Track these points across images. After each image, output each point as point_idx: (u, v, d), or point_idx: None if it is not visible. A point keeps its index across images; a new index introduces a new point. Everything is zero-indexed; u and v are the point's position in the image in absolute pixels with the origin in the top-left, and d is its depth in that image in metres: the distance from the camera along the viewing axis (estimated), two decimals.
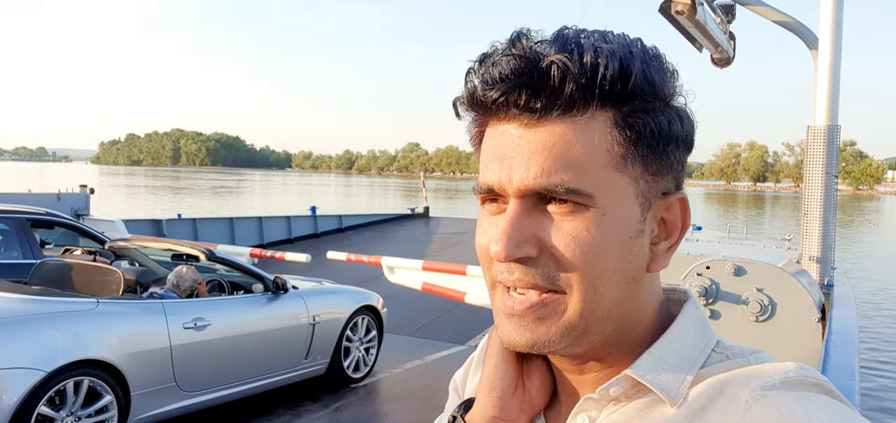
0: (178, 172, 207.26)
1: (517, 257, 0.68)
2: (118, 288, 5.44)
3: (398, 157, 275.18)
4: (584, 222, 0.68)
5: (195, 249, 6.31)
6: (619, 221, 0.69)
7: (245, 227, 16.14)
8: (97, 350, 4.73)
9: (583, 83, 0.66)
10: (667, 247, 0.74)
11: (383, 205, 57.64)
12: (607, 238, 0.68)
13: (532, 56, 0.67)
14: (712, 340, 0.75)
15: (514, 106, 0.68)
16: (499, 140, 0.71)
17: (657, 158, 0.70)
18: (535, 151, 0.67)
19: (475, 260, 3.71)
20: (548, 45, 0.68)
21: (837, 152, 4.23)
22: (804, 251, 4.19)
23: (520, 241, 0.68)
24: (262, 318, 6.15)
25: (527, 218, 0.69)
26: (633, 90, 0.67)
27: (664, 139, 0.70)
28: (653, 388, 0.70)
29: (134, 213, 35.90)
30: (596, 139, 0.68)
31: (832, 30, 4.21)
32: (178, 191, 76.55)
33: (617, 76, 0.66)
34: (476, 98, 0.71)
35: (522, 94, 0.67)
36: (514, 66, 0.67)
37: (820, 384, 0.65)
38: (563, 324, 0.69)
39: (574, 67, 0.66)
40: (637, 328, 0.74)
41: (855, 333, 3.52)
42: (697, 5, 5.18)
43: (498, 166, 0.70)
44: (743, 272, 3.29)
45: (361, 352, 7.14)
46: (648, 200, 0.71)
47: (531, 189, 0.68)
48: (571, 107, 0.67)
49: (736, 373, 0.69)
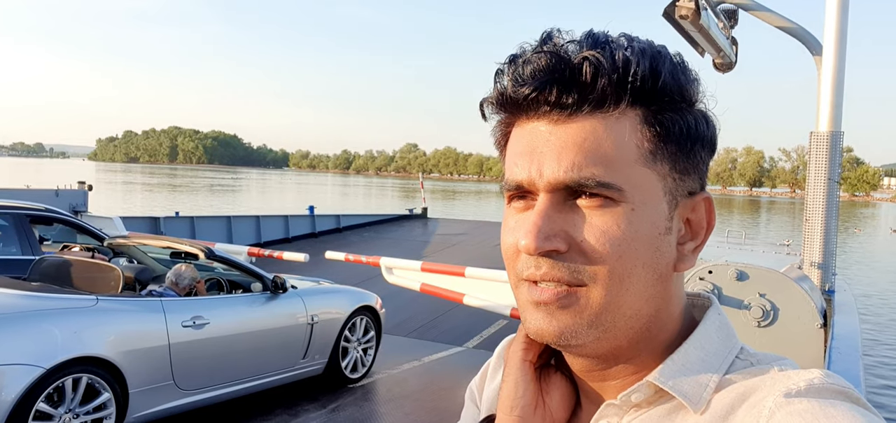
0: (175, 169, 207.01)
1: (546, 251, 0.69)
2: (117, 285, 5.42)
3: (396, 157, 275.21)
4: (613, 216, 0.68)
5: (194, 247, 6.30)
6: (648, 216, 0.69)
7: (243, 225, 16.12)
8: (96, 347, 4.72)
9: (615, 80, 0.67)
10: (693, 247, 0.74)
11: (381, 205, 57.67)
12: (637, 233, 0.69)
13: (564, 53, 0.68)
14: (736, 346, 0.74)
15: (545, 103, 0.69)
16: (528, 137, 0.71)
17: (684, 157, 0.72)
18: (567, 145, 0.68)
19: (473, 261, 3.73)
20: (579, 43, 0.69)
21: (840, 158, 4.23)
22: (806, 257, 4.19)
23: (549, 234, 0.68)
24: (261, 317, 6.13)
25: (556, 213, 0.69)
26: (662, 89, 0.69)
27: (692, 138, 0.71)
28: (675, 395, 0.69)
29: (131, 210, 35.87)
30: (626, 135, 0.69)
31: (836, 36, 4.21)
32: (174, 188, 76.49)
33: (648, 74, 0.68)
34: (506, 97, 0.72)
35: (554, 90, 0.68)
36: (546, 63, 0.68)
37: (846, 392, 0.64)
38: (590, 314, 0.69)
39: (606, 64, 0.67)
40: (664, 331, 0.74)
41: (858, 339, 3.52)
42: (701, 10, 5.19)
43: (527, 162, 0.71)
44: (745, 277, 3.29)
45: (359, 352, 7.13)
46: (675, 198, 0.72)
47: (562, 183, 0.68)
48: (602, 103, 0.68)
49: (760, 379, 0.68)
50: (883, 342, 13.06)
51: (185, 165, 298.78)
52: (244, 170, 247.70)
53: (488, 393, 0.93)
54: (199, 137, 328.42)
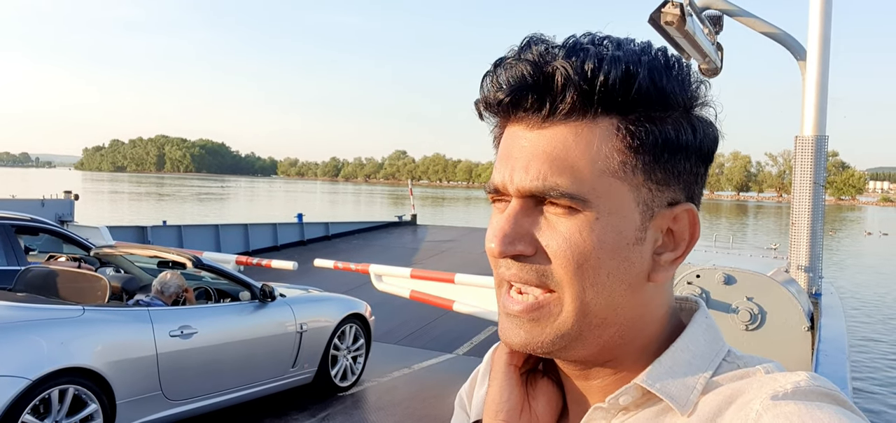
0: (162, 178, 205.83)
1: (511, 254, 0.71)
2: (104, 295, 5.38)
3: (385, 164, 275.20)
4: (577, 224, 0.69)
5: (181, 256, 6.26)
6: (615, 226, 0.69)
7: (231, 234, 16.04)
8: (82, 358, 4.68)
9: (584, 89, 0.68)
10: (672, 258, 0.73)
11: (370, 212, 57.61)
12: (600, 243, 0.69)
13: (540, 61, 0.69)
14: (723, 349, 0.75)
15: (521, 109, 0.71)
16: (508, 141, 0.73)
17: (662, 168, 0.70)
18: (536, 154, 0.70)
19: (463, 268, 3.73)
20: (556, 51, 0.70)
21: (825, 162, 4.27)
22: (792, 260, 4.22)
23: (514, 238, 0.71)
24: (250, 326, 6.11)
25: (525, 217, 0.71)
26: (636, 98, 0.68)
27: (670, 149, 0.70)
28: (662, 397, 0.70)
29: (118, 219, 35.64)
30: (596, 145, 0.69)
31: (820, 42, 4.26)
32: (162, 197, 76.04)
33: (618, 83, 0.67)
34: (488, 101, 0.74)
35: (527, 97, 0.70)
36: (522, 71, 0.70)
37: (832, 394, 0.64)
38: (556, 326, 0.71)
39: (575, 74, 0.68)
40: (642, 337, 0.74)
41: (845, 342, 3.55)
42: (687, 16, 5.23)
43: (503, 167, 0.73)
44: (733, 281, 3.31)
45: (349, 360, 7.11)
46: (651, 208, 0.71)
47: (528, 191, 0.70)
48: (573, 112, 0.69)
49: (747, 382, 0.68)
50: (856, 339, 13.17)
51: (172, 173, 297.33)
52: (232, 178, 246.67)
53: (477, 400, 0.93)
54: (187, 146, 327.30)
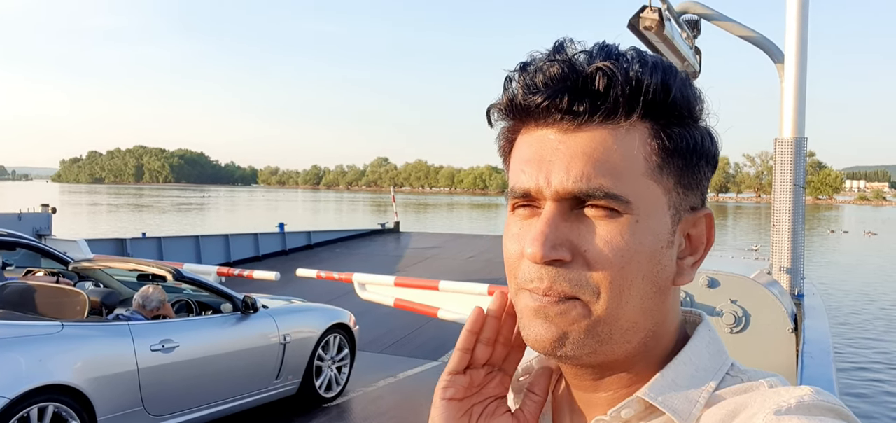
0: (141, 189, 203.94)
1: (552, 259, 0.68)
2: (83, 310, 5.30)
3: (367, 171, 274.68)
4: (618, 227, 0.69)
5: (162, 268, 6.19)
6: (652, 229, 0.70)
7: (211, 245, 15.89)
8: (62, 375, 4.60)
9: (627, 92, 0.68)
10: (692, 262, 0.75)
11: (352, 220, 57.43)
12: (640, 245, 0.69)
13: (576, 62, 0.69)
14: (727, 362, 0.75)
15: (556, 111, 0.69)
16: (536, 145, 0.72)
17: (689, 172, 0.72)
18: (576, 154, 0.69)
19: (447, 275, 3.71)
20: (590, 54, 0.70)
21: (804, 163, 4.32)
22: (774, 262, 4.26)
23: (556, 243, 0.68)
24: (232, 338, 6.04)
25: (563, 221, 0.70)
26: (672, 104, 0.70)
27: (697, 153, 0.72)
28: (665, 411, 0.69)
29: (97, 232, 35.22)
30: (635, 148, 0.69)
31: (797, 44, 4.31)
32: (141, 209, 75.35)
33: (660, 88, 0.69)
34: (516, 103, 0.72)
35: (565, 98, 0.69)
36: (559, 72, 0.69)
37: (836, 409, 0.64)
38: (588, 324, 0.69)
39: (620, 75, 0.68)
40: (660, 346, 0.74)
41: (829, 343, 3.58)
42: (665, 21, 5.27)
43: (535, 170, 0.71)
44: (716, 284, 3.33)
45: (333, 371, 7.06)
46: (679, 212, 0.72)
47: (570, 192, 0.69)
48: (613, 114, 0.69)
49: (750, 396, 0.68)
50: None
51: (151, 184, 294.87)
52: (212, 188, 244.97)
53: None
54: (166, 156, 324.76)
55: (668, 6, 5.33)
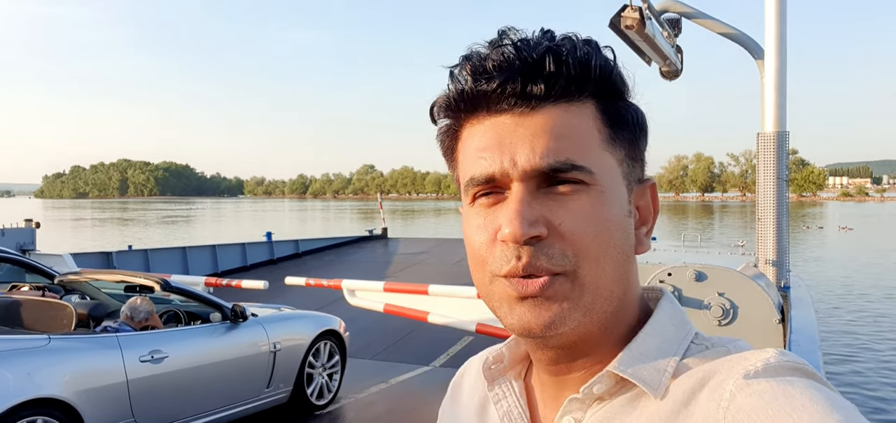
0: (125, 203, 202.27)
1: (532, 235, 0.68)
2: (70, 323, 5.26)
3: (353, 179, 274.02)
4: (588, 198, 0.70)
5: (149, 279, 6.16)
6: (616, 199, 0.72)
7: (198, 256, 15.79)
8: (50, 389, 4.56)
9: (577, 71, 0.70)
10: (645, 231, 0.78)
11: (340, 228, 57.23)
12: (610, 215, 0.71)
13: (524, 46, 0.70)
14: (691, 332, 0.76)
15: (511, 95, 0.70)
16: (492, 132, 0.72)
17: (635, 145, 0.76)
18: (537, 133, 0.70)
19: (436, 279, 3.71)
20: (536, 39, 0.71)
21: (787, 157, 4.37)
22: (760, 255, 4.30)
23: (532, 219, 0.69)
24: (222, 348, 6.01)
25: (534, 200, 0.70)
26: (614, 81, 0.73)
27: (638, 128, 0.76)
28: (635, 382, 0.71)
29: (82, 246, 34.87)
30: (589, 122, 0.72)
31: (776, 41, 4.36)
32: (126, 222, 74.75)
33: (605, 68, 0.72)
34: (466, 93, 0.72)
35: (519, 81, 0.69)
36: (509, 56, 0.70)
37: (801, 368, 0.65)
38: (574, 299, 0.70)
39: (570, 56, 0.70)
40: (625, 318, 0.76)
41: (815, 332, 3.62)
42: (646, 20, 5.31)
43: (497, 154, 0.71)
44: (704, 278, 3.36)
45: (325, 378, 7.04)
46: (631, 183, 0.75)
47: (538, 169, 0.69)
48: (565, 93, 0.71)
49: (717, 363, 0.69)
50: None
51: (136, 198, 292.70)
52: (198, 200, 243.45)
53: (449, 419, 0.96)
54: (150, 169, 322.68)
55: (649, 5, 5.37)
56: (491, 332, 7.04)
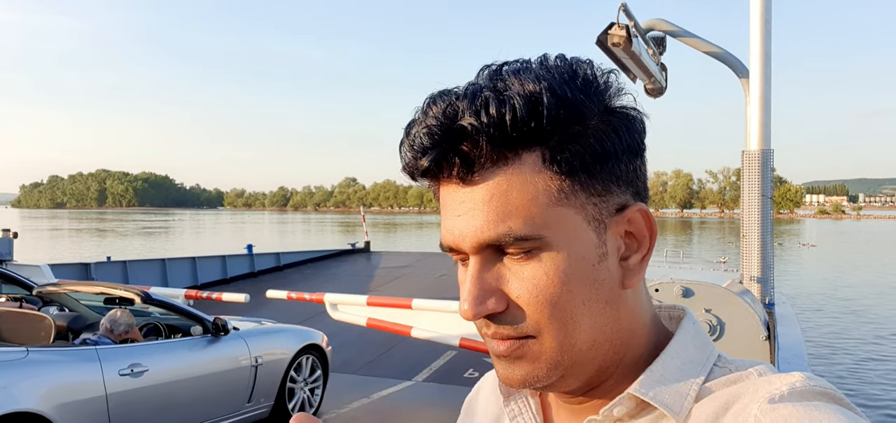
0: (104, 213, 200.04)
1: (485, 314, 0.69)
2: (48, 335, 5.17)
3: (335, 192, 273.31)
4: (541, 265, 0.67)
5: (129, 291, 6.07)
6: (576, 253, 0.68)
7: (178, 268, 15.62)
8: (28, 402, 4.47)
9: (496, 136, 0.66)
10: (639, 259, 0.72)
11: (321, 241, 57.00)
12: (568, 276, 0.68)
13: (446, 120, 0.67)
14: (713, 354, 0.74)
15: (445, 169, 0.69)
16: (447, 199, 0.71)
17: (599, 180, 0.69)
18: (476, 205, 0.68)
19: (419, 293, 3.71)
20: (458, 103, 0.67)
21: (771, 175, 4.41)
22: (745, 271, 4.33)
23: (484, 297, 0.69)
24: (203, 361, 5.94)
25: (487, 272, 0.69)
26: (549, 125, 0.66)
27: (600, 160, 0.68)
28: (656, 405, 0.69)
29: (59, 257, 34.42)
30: (531, 182, 0.67)
31: (761, 59, 4.41)
32: (103, 233, 73.87)
33: (526, 118, 0.65)
34: (411, 169, 0.71)
35: (447, 158, 0.68)
36: (434, 134, 0.68)
37: (829, 393, 0.64)
38: (545, 361, 0.69)
39: (481, 122, 0.66)
40: (633, 347, 0.73)
41: (803, 349, 3.64)
42: (632, 38, 5.36)
43: (451, 227, 0.71)
44: (691, 294, 3.37)
45: (306, 393, 6.97)
46: (602, 222, 0.69)
47: (481, 243, 0.68)
48: (495, 159, 0.67)
49: (742, 386, 0.67)
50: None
51: (114, 208, 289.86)
52: (177, 211, 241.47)
53: None
54: (129, 180, 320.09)
55: (635, 23, 5.42)
56: (475, 347, 7.02)
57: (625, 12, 4.71)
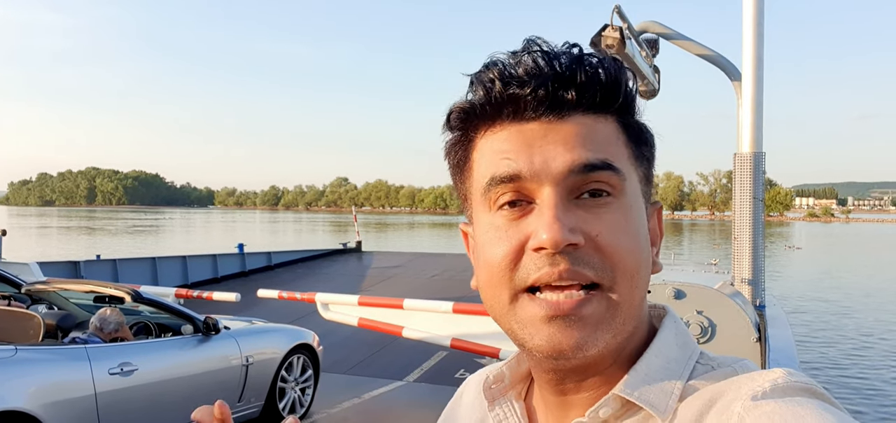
0: (93, 211, 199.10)
1: (571, 242, 0.65)
2: (37, 334, 5.14)
3: (327, 191, 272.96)
4: (621, 211, 0.69)
5: (119, 290, 6.04)
6: (641, 215, 0.72)
7: (169, 267, 15.55)
8: (16, 401, 4.44)
9: (607, 85, 0.70)
10: (655, 252, 0.76)
11: (312, 241, 56.88)
12: (639, 229, 0.71)
13: (556, 55, 0.69)
14: (695, 352, 0.74)
15: (542, 102, 0.68)
16: (517, 137, 0.69)
17: (650, 165, 0.76)
18: (568, 137, 0.68)
19: (411, 293, 3.69)
20: (566, 49, 0.71)
21: (763, 178, 4.43)
22: (736, 273, 4.34)
23: (571, 226, 0.66)
24: (193, 361, 5.91)
25: (567, 207, 0.67)
26: (633, 100, 0.73)
27: (652, 147, 0.76)
28: (642, 405, 0.69)
29: (48, 255, 34.19)
30: (613, 134, 0.71)
31: (754, 62, 4.43)
32: (93, 231, 73.47)
33: (630, 87, 0.72)
34: (494, 98, 0.70)
35: (550, 87, 0.68)
36: (541, 63, 0.69)
37: (810, 388, 0.64)
38: (608, 316, 0.67)
39: (601, 69, 0.70)
40: (636, 335, 0.73)
41: (794, 350, 3.66)
42: (626, 40, 5.37)
43: (526, 156, 0.68)
44: (683, 296, 3.38)
45: (297, 393, 6.95)
46: (647, 202, 0.75)
47: (576, 165, 0.67)
48: (592, 105, 0.70)
49: (724, 384, 0.67)
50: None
51: (104, 206, 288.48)
52: (167, 210, 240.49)
53: None
54: (119, 178, 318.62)
55: (629, 25, 5.44)
56: (466, 347, 7.02)
57: (618, 14, 4.72)
